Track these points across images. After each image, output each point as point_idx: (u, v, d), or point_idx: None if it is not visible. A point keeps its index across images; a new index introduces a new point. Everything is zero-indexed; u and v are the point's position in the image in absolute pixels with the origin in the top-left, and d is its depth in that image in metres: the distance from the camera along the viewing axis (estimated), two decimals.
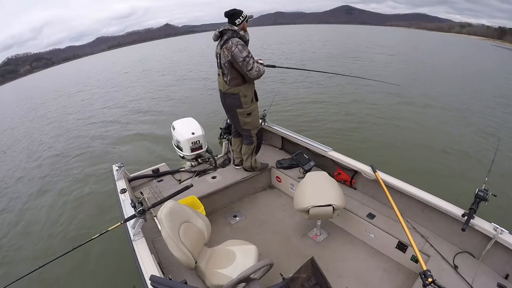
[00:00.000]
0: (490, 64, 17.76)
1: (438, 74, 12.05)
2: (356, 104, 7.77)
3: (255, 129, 2.63)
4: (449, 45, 30.38)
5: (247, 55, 2.23)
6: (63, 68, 45.39)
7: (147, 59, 27.57)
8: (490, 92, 9.32)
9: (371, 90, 8.73)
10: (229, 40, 2.23)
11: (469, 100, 8.22)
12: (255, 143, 2.69)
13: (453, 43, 34.62)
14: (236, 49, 2.20)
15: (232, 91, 2.41)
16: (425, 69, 13.24)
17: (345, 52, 18.87)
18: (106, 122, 8.49)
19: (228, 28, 2.29)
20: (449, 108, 7.45)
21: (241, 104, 2.45)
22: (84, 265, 3.03)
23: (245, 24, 2.34)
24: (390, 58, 16.58)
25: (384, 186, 2.09)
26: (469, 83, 10.50)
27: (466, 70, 13.78)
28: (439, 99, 8.17)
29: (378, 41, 27.58)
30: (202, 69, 15.50)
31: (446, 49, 25.13)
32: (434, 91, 8.97)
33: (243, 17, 2.30)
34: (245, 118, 2.54)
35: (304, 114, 6.89)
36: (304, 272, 1.30)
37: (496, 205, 1.93)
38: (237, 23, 2.29)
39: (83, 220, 3.92)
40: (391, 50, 21.04)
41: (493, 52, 28.47)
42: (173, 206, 1.65)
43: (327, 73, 5.41)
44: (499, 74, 13.47)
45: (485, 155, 4.73)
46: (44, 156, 6.68)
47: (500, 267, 1.71)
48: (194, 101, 9.37)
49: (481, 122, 6.41)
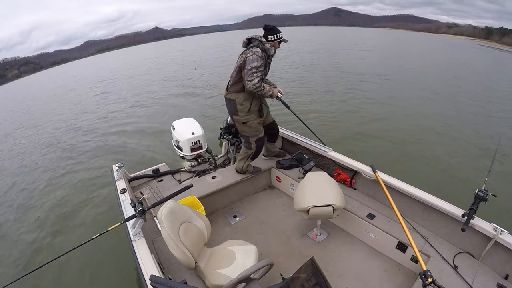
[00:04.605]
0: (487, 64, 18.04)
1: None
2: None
3: (254, 137, 2.60)
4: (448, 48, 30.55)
5: (256, 67, 2.24)
6: (55, 72, 45.28)
7: (145, 60, 27.80)
8: (489, 93, 9.36)
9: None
10: (252, 48, 2.30)
11: (469, 100, 8.24)
12: (253, 150, 2.66)
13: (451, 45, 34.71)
14: (251, 56, 2.25)
15: (229, 97, 2.45)
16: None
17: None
18: (106, 122, 8.49)
19: (256, 38, 2.36)
20: (450, 107, 7.47)
21: (236, 112, 2.47)
22: (84, 265, 3.03)
23: (276, 44, 2.39)
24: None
25: (384, 186, 2.10)
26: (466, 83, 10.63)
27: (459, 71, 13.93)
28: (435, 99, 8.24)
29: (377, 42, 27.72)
30: (201, 70, 15.53)
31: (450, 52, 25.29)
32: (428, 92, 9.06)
33: (277, 37, 2.36)
34: (240, 125, 2.56)
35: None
36: (304, 272, 1.30)
37: (496, 205, 1.93)
38: (269, 39, 2.35)
39: (83, 220, 3.92)
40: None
41: (487, 52, 28.82)
42: (173, 206, 1.65)
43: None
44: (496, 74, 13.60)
45: (485, 155, 4.73)
46: (44, 156, 6.68)
47: (500, 267, 1.71)
48: (194, 101, 9.37)
49: (480, 123, 6.42)
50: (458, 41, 46.99)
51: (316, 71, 13.41)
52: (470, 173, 4.23)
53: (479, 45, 41.62)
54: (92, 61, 50.94)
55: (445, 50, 26.03)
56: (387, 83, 10.65)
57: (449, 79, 11.41)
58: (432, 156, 4.90)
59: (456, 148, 5.20)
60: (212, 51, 28.66)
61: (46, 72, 59.68)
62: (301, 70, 13.76)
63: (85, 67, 34.55)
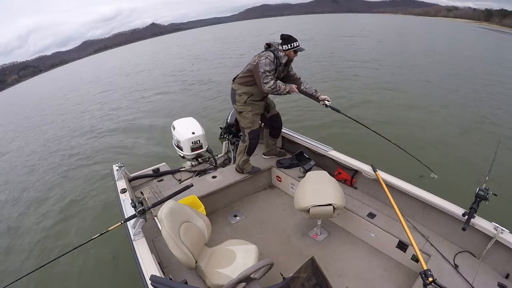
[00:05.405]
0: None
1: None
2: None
3: (248, 129, 2.65)
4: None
5: (268, 71, 2.35)
6: (54, 74, 45.31)
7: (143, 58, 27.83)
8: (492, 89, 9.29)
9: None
10: (267, 52, 2.42)
11: (468, 96, 8.19)
12: (247, 143, 2.70)
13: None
14: (264, 60, 2.35)
15: (233, 86, 2.62)
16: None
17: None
18: (105, 123, 8.50)
19: (274, 44, 2.48)
20: (450, 107, 7.44)
21: (235, 100, 2.63)
22: (84, 265, 3.04)
23: (291, 53, 2.46)
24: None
25: (385, 186, 2.09)
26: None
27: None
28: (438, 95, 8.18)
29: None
30: (202, 71, 15.52)
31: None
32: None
33: (291, 46, 2.43)
34: (238, 115, 2.70)
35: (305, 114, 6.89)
36: (305, 271, 1.30)
37: (497, 204, 1.93)
38: (284, 48, 2.44)
39: (83, 220, 3.93)
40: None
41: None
42: (173, 206, 1.65)
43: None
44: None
45: (485, 155, 4.72)
46: (43, 156, 6.69)
47: (501, 266, 1.71)
48: (195, 101, 9.37)
49: (480, 120, 6.40)
50: (459, 24, 46.31)
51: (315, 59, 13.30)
52: (470, 172, 4.23)
53: (479, 28, 40.78)
54: (91, 60, 51.01)
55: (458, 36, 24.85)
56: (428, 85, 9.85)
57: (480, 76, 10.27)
58: (431, 154, 4.88)
59: (456, 147, 5.19)
60: (209, 44, 28.72)
61: (45, 75, 59.92)
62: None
63: (85, 67, 34.63)
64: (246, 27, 44.91)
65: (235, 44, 25.22)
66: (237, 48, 21.79)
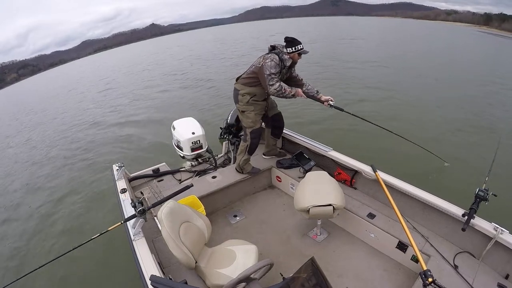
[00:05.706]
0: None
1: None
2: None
3: (250, 128, 2.67)
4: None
5: (274, 73, 2.36)
6: (53, 73, 45.30)
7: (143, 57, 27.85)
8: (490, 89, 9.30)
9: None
10: (271, 54, 2.43)
11: (469, 97, 8.20)
12: (248, 142, 2.71)
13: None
14: (269, 62, 2.36)
15: (236, 86, 2.63)
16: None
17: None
18: (105, 122, 8.49)
19: (279, 46, 2.49)
20: (449, 107, 7.44)
21: (238, 100, 2.63)
22: (84, 265, 3.03)
23: (295, 55, 2.48)
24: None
25: (384, 186, 2.09)
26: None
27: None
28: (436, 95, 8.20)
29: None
30: (201, 70, 15.52)
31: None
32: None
33: (295, 49, 2.44)
34: (240, 114, 2.71)
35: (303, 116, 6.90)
36: (304, 272, 1.30)
37: (497, 205, 1.93)
38: (288, 51, 2.45)
39: (83, 220, 3.92)
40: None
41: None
42: (173, 206, 1.65)
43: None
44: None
45: (485, 154, 4.71)
46: (43, 156, 6.69)
47: (501, 267, 1.71)
48: (195, 101, 9.36)
49: (480, 120, 6.40)
50: (458, 28, 46.37)
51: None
52: (470, 172, 4.22)
53: (478, 32, 40.81)
54: (91, 60, 51.02)
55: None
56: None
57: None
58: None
59: (456, 147, 5.19)
60: (210, 45, 28.77)
61: (44, 74, 59.89)
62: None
63: (84, 66, 34.63)
64: (246, 28, 45.03)
65: (235, 45, 25.23)
66: (236, 49, 21.80)
